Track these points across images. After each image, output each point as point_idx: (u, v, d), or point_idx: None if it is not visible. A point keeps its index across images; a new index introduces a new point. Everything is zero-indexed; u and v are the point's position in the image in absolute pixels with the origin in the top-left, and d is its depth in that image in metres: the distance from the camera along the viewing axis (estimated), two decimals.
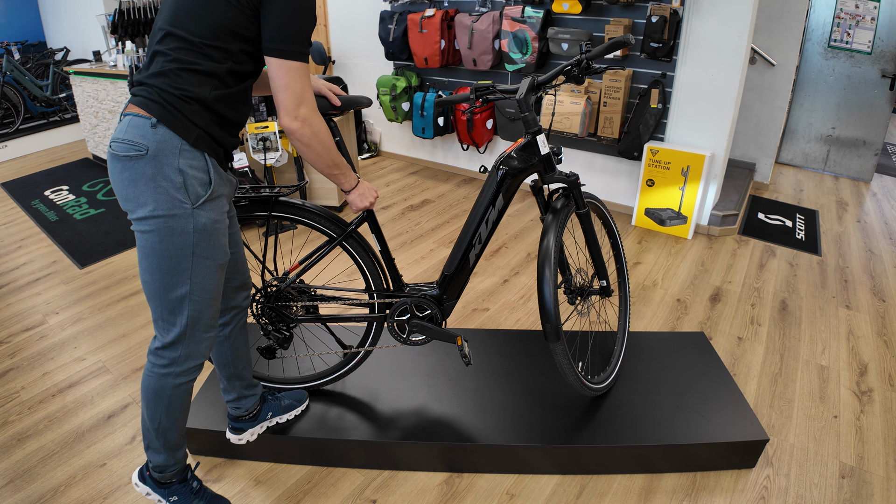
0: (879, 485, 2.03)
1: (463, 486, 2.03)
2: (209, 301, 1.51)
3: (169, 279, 1.43)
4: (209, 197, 1.41)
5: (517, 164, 1.88)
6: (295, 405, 2.13)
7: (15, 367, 2.68)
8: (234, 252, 1.72)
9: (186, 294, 1.45)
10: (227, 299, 1.78)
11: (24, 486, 2.04)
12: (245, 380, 1.94)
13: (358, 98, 1.87)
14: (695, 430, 2.06)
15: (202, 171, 1.40)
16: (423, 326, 2.04)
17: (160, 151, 1.33)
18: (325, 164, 1.57)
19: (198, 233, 1.40)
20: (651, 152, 3.84)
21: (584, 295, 2.17)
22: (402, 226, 4.14)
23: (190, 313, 1.48)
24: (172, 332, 1.49)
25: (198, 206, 1.39)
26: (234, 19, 1.34)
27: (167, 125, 1.34)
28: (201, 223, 1.40)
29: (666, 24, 3.53)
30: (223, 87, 1.40)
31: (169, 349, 1.52)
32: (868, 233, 4.11)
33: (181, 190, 1.36)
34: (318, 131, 1.47)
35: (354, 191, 1.71)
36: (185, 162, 1.36)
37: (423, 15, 4.37)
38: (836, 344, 2.81)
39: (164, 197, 1.35)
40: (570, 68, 1.78)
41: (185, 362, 1.54)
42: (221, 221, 1.48)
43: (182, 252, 1.41)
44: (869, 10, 4.81)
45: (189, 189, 1.37)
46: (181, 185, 1.36)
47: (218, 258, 1.49)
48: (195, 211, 1.39)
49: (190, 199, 1.38)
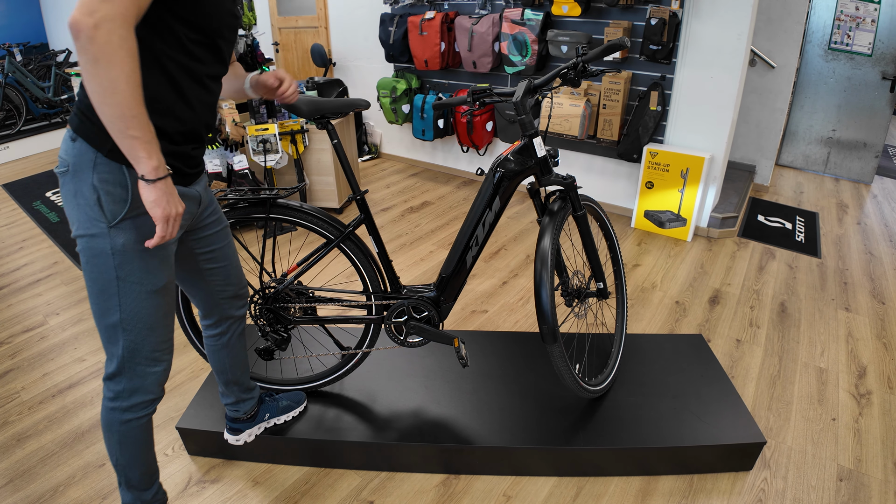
0: (877, 488, 2.02)
1: (460, 488, 2.03)
2: (146, 331, 1.38)
3: (100, 304, 1.33)
4: (128, 215, 1.26)
5: (514, 167, 1.89)
6: (293, 406, 2.13)
7: (15, 367, 2.69)
8: (225, 264, 1.65)
9: (118, 322, 1.34)
10: (220, 310, 1.73)
11: (23, 485, 2.05)
12: (243, 384, 1.93)
13: (356, 101, 1.88)
14: (692, 433, 2.06)
15: (118, 185, 1.24)
16: (420, 328, 2.05)
17: (78, 167, 1.23)
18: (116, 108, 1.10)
19: (118, 255, 1.28)
20: (650, 154, 3.84)
21: (581, 297, 2.18)
22: (402, 227, 4.15)
23: (125, 344, 1.36)
24: (113, 363, 1.39)
25: (115, 225, 1.26)
26: None
27: (83, 137, 1.23)
28: (119, 244, 1.27)
29: (665, 27, 3.53)
30: None
31: (112, 381, 1.41)
32: (868, 235, 4.11)
33: (95, 207, 1.24)
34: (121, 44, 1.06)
35: (154, 186, 1.19)
36: (98, 176, 1.23)
37: (423, 17, 4.38)
38: (835, 346, 2.80)
39: (83, 216, 1.25)
40: (566, 71, 1.78)
41: (130, 397, 1.42)
42: None
43: (105, 276, 1.29)
44: (869, 12, 4.81)
45: (104, 206, 1.24)
46: (95, 201, 1.23)
47: (148, 283, 1.33)
48: (112, 230, 1.26)
49: (106, 218, 1.25)
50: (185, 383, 2.54)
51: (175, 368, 2.63)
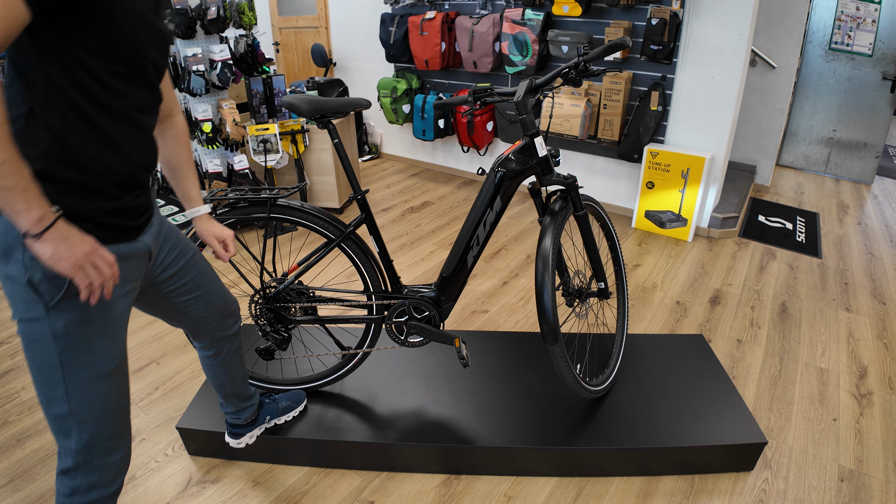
0: (878, 488, 2.02)
1: (461, 489, 2.03)
2: (100, 420, 1.20)
3: (45, 393, 1.15)
4: (67, 294, 1.09)
5: (515, 167, 1.88)
6: (293, 406, 2.12)
7: (15, 367, 2.69)
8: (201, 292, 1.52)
9: (67, 413, 1.16)
10: (209, 333, 1.64)
11: (23, 485, 2.04)
12: (242, 395, 1.90)
13: (357, 100, 1.88)
14: (693, 433, 2.05)
15: None
16: (421, 328, 2.04)
17: (5, 245, 1.06)
18: None
19: (60, 340, 1.11)
20: (651, 154, 3.84)
21: (582, 297, 2.17)
22: (403, 228, 4.14)
23: (78, 436, 1.18)
24: (67, 458, 1.20)
25: (54, 307, 1.09)
26: None
27: None
28: (60, 327, 1.10)
29: (666, 27, 3.53)
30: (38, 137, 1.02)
31: (67, 476, 1.22)
32: (869, 235, 4.11)
33: (28, 289, 1.07)
34: None
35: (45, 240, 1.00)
36: (27, 254, 1.05)
37: (423, 17, 4.38)
38: (835, 347, 2.80)
39: (18, 299, 1.09)
40: (567, 71, 1.78)
41: (87, 493, 1.23)
42: (97, 319, 1.15)
43: (48, 363, 1.12)
44: (870, 13, 4.80)
45: (38, 287, 1.07)
46: (27, 283, 1.07)
47: (97, 368, 1.17)
48: (50, 313, 1.09)
49: (42, 299, 1.08)
50: (186, 383, 2.53)
51: (175, 368, 2.63)
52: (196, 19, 3.44)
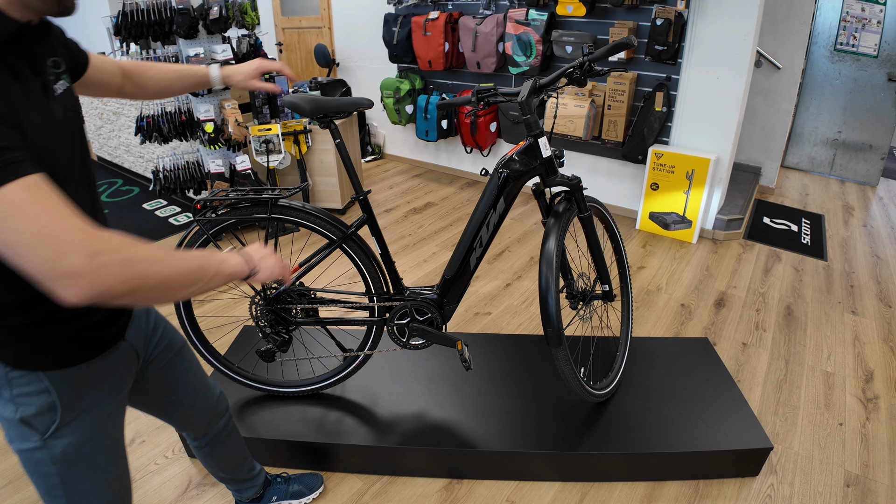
0: (884, 493, 2.00)
1: (462, 493, 2.01)
2: None
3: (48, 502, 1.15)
4: (62, 422, 1.07)
5: (519, 167, 1.86)
6: (304, 493, 1.95)
7: None
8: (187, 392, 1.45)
9: None
10: (197, 429, 1.57)
11: (23, 486, 2.04)
12: (240, 478, 1.79)
13: (359, 100, 1.86)
14: (698, 438, 2.03)
15: (42, 394, 1.03)
16: (423, 330, 2.02)
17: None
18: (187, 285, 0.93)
19: (59, 464, 1.09)
20: (655, 156, 3.82)
21: (586, 299, 2.15)
22: (405, 229, 4.13)
23: None
24: None
25: (50, 436, 1.07)
26: None
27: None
28: (58, 453, 1.08)
29: (671, 27, 3.51)
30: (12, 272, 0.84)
31: None
32: (874, 237, 4.08)
33: (20, 425, 1.05)
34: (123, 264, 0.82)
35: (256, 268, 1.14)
36: (16, 392, 1.02)
37: (426, 18, 4.36)
38: (841, 350, 2.78)
39: (12, 433, 1.07)
40: (572, 70, 1.76)
41: None
42: (95, 437, 1.13)
43: (50, 482, 1.11)
44: (875, 14, 4.78)
45: (31, 422, 1.05)
46: (17, 421, 1.04)
47: (98, 480, 1.17)
48: (48, 441, 1.07)
49: (37, 431, 1.06)
50: None
51: None
52: (198, 19, 3.43)
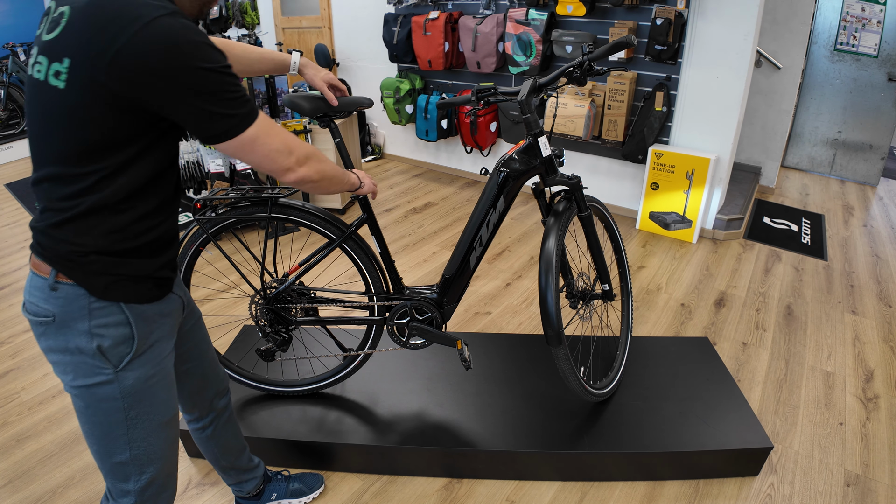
0: (884, 493, 2.00)
1: (462, 493, 2.01)
2: (158, 463, 1.29)
3: (106, 445, 1.22)
4: (136, 353, 1.17)
5: (519, 167, 1.87)
6: (304, 492, 1.96)
7: (16, 367, 2.68)
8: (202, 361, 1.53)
9: (128, 460, 1.23)
10: (201, 407, 1.61)
11: (22, 486, 2.04)
12: (240, 468, 1.80)
13: (359, 99, 1.86)
14: (698, 437, 2.03)
15: (121, 326, 1.14)
16: (422, 330, 2.02)
17: (66, 317, 1.11)
18: (339, 185, 1.43)
19: (128, 397, 1.18)
20: (655, 155, 3.82)
21: (586, 299, 2.15)
22: (405, 228, 4.13)
23: (136, 479, 1.26)
24: (125, 499, 1.28)
25: (122, 369, 1.16)
26: (100, 130, 1.02)
27: (75, 282, 1.10)
28: (128, 385, 1.17)
29: (671, 27, 3.51)
30: (122, 216, 1.10)
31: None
32: (874, 237, 4.08)
33: (97, 356, 1.12)
34: (318, 177, 1.29)
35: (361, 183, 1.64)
36: (95, 322, 1.11)
37: (426, 17, 4.36)
38: (841, 350, 2.78)
39: (81, 368, 1.13)
40: (571, 69, 1.76)
41: None
42: (160, 372, 1.24)
43: (113, 418, 1.18)
44: (875, 14, 4.78)
45: (107, 353, 1.13)
46: (95, 351, 1.12)
47: (158, 416, 1.25)
48: (120, 374, 1.15)
49: (111, 363, 1.14)
50: None
51: None
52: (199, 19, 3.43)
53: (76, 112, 1.00)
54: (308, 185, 1.27)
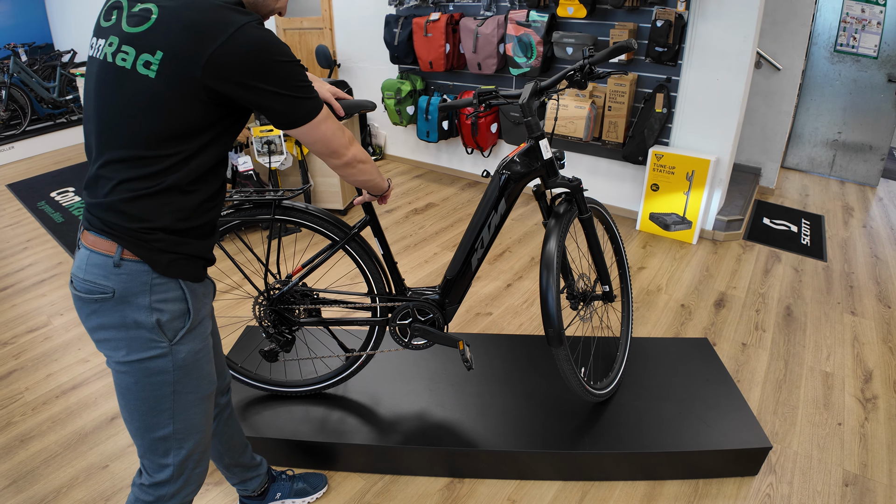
0: (883, 493, 2.01)
1: (464, 492, 2.02)
2: (197, 436, 1.35)
3: (149, 420, 1.27)
4: (189, 328, 1.25)
5: (520, 169, 1.88)
6: (308, 491, 1.98)
7: (19, 367, 2.70)
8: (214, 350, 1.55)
9: (171, 434, 1.29)
10: None
11: (26, 486, 2.05)
12: (244, 465, 1.83)
13: (362, 102, 1.87)
14: (698, 437, 2.05)
15: (178, 301, 1.22)
16: (424, 330, 2.04)
17: (127, 292, 1.17)
18: (376, 175, 1.56)
19: (179, 370, 1.25)
20: (656, 157, 3.83)
21: (586, 300, 2.17)
22: (406, 229, 4.14)
23: (176, 452, 1.31)
24: (163, 472, 1.33)
25: (176, 342, 1.23)
26: (184, 117, 1.13)
27: (131, 260, 1.16)
28: (181, 358, 1.24)
29: (671, 29, 3.52)
30: (190, 197, 1.20)
31: (157, 487, 1.34)
32: (874, 238, 4.09)
33: (155, 330, 1.19)
34: (365, 158, 1.45)
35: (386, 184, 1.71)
36: (156, 297, 1.19)
37: (428, 19, 4.38)
38: (840, 350, 2.79)
39: (137, 341, 1.19)
40: (572, 73, 1.78)
41: (172, 498, 1.36)
42: (206, 348, 1.32)
43: (161, 392, 1.25)
44: (875, 15, 4.79)
45: (164, 327, 1.20)
46: (154, 325, 1.19)
47: (203, 389, 1.33)
48: (174, 347, 1.23)
49: (167, 337, 1.21)
50: None
51: None
52: None
53: (165, 100, 1.11)
54: (358, 166, 1.42)
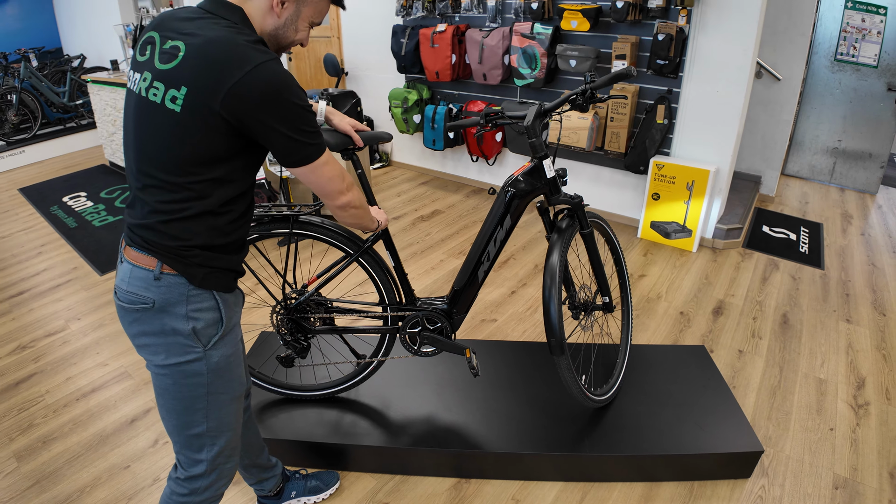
0: (872, 496, 2.09)
1: (471, 492, 2.11)
2: (229, 433, 1.46)
3: (185, 418, 1.39)
4: (222, 334, 1.36)
5: (524, 187, 1.97)
6: (322, 488, 2.07)
7: (39, 371, 2.78)
8: None
9: (205, 432, 1.41)
10: None
11: (50, 486, 2.14)
12: (261, 466, 1.92)
13: (380, 134, 1.95)
14: (693, 441, 2.13)
15: (212, 310, 1.34)
16: (433, 339, 2.13)
17: (166, 303, 1.28)
18: (367, 219, 1.61)
19: (212, 373, 1.36)
20: (657, 167, 3.92)
21: (587, 310, 2.25)
22: (413, 236, 4.23)
23: (209, 448, 1.43)
24: (197, 467, 1.44)
25: (210, 347, 1.34)
26: (206, 146, 1.22)
27: (180, 274, 1.28)
28: (214, 362, 1.35)
29: (672, 42, 3.61)
30: (222, 218, 1.31)
31: (191, 481, 1.46)
32: (872, 246, 4.16)
33: (191, 337, 1.31)
34: (359, 205, 1.50)
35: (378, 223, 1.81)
36: (192, 307, 1.30)
37: (434, 30, 4.47)
38: (835, 357, 2.87)
39: (175, 347, 1.31)
40: (575, 97, 1.87)
41: (204, 492, 1.48)
42: (236, 352, 1.43)
43: (196, 393, 1.36)
44: (875, 24, 4.86)
45: (200, 334, 1.32)
46: (190, 332, 1.30)
47: (234, 391, 1.44)
48: (208, 352, 1.34)
49: (201, 343, 1.32)
50: None
51: None
52: None
53: (190, 131, 1.19)
54: (350, 210, 1.48)
